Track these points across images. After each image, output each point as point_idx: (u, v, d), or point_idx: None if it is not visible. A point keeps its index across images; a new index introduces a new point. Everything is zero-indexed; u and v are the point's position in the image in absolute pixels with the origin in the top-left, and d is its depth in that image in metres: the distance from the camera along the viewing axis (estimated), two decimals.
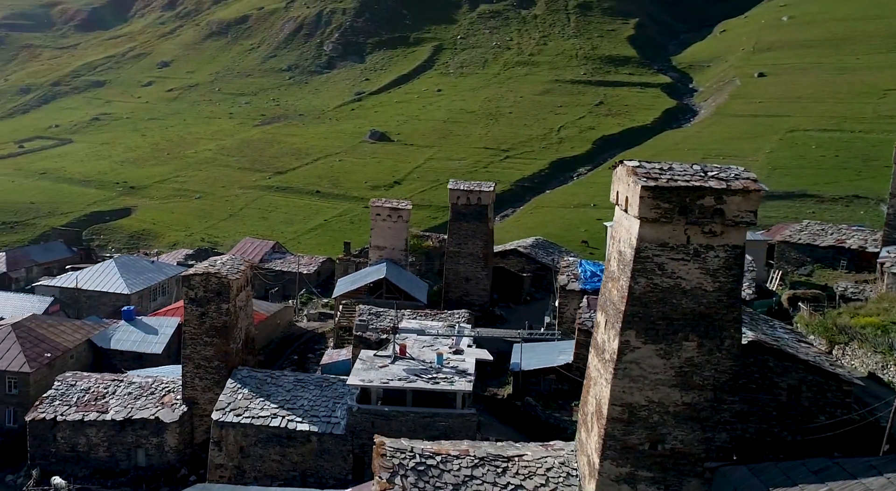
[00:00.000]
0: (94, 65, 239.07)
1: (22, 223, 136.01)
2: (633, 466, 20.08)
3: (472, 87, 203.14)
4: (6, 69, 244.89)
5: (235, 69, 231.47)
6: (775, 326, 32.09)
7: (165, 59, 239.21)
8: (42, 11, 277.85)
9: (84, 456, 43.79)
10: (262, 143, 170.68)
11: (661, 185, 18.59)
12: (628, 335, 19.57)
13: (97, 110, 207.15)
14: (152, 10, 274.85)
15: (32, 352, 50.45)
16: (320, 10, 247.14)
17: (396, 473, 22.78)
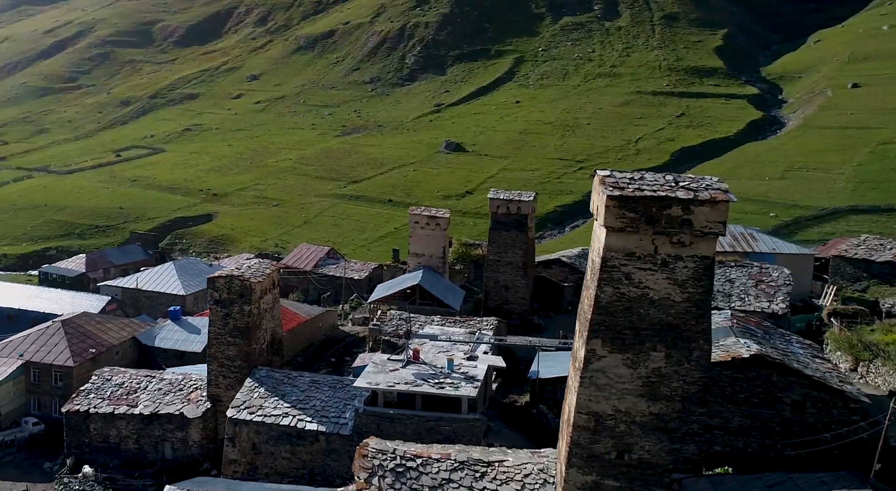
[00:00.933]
0: (189, 78, 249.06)
1: (112, 227, 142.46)
2: (599, 475, 19.66)
3: (551, 98, 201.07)
4: (110, 83, 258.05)
5: (320, 82, 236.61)
6: (791, 340, 30.97)
7: (255, 73, 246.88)
8: (144, 29, 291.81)
9: (115, 447, 44.85)
10: (341, 153, 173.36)
11: (626, 195, 18.28)
12: (594, 344, 19.30)
13: (189, 121, 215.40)
14: (245, 26, 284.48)
15: (78, 347, 52.06)
16: (404, 24, 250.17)
17: (375, 473, 23.03)
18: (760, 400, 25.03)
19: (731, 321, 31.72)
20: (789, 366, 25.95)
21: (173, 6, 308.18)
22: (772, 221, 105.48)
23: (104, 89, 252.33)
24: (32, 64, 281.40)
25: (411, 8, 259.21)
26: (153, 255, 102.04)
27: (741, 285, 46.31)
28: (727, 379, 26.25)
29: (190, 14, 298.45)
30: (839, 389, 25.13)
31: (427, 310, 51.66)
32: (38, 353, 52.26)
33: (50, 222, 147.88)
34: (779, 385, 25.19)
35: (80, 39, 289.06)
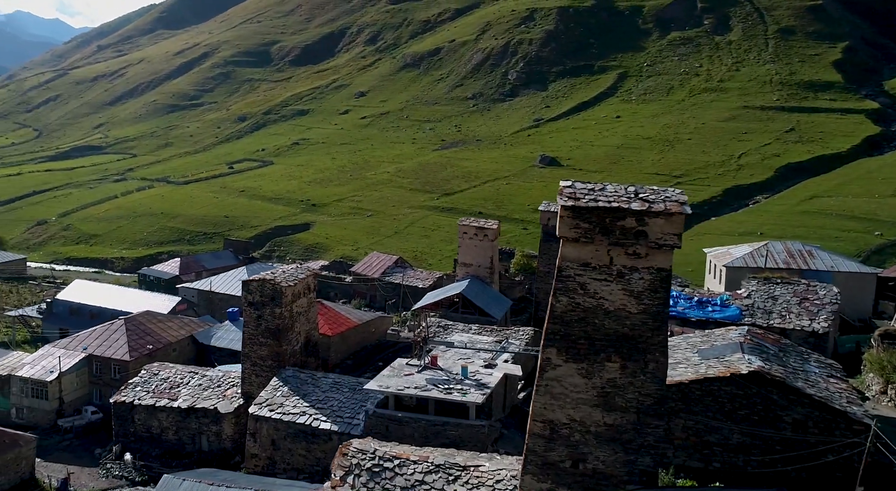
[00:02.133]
0: (301, 95, 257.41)
1: (218, 234, 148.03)
2: (553, 483, 19.19)
3: (653, 113, 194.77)
4: (229, 100, 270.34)
5: (424, 98, 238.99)
6: (809, 359, 29.79)
7: (362, 90, 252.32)
8: (263, 49, 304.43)
9: (156, 437, 46.19)
10: (437, 167, 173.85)
11: (579, 205, 18.03)
12: (549, 352, 18.93)
13: (298, 136, 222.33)
14: (356, 45, 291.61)
15: (136, 343, 53.72)
16: (508, 41, 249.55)
17: (351, 472, 23.35)
18: (760, 418, 24.14)
19: (743, 337, 30.21)
20: (790, 384, 24.59)
21: (291, 28, 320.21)
22: (876, 240, 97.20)
23: (224, 106, 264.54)
24: (162, 83, 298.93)
25: (516, 25, 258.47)
26: (243, 260, 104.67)
27: (784, 303, 43.42)
28: (726, 395, 25.05)
29: (306, 35, 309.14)
30: (842, 409, 24.00)
31: (469, 318, 51.24)
32: (100, 347, 54.23)
33: (164, 229, 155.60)
34: (780, 403, 24.21)
35: (205, 60, 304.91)
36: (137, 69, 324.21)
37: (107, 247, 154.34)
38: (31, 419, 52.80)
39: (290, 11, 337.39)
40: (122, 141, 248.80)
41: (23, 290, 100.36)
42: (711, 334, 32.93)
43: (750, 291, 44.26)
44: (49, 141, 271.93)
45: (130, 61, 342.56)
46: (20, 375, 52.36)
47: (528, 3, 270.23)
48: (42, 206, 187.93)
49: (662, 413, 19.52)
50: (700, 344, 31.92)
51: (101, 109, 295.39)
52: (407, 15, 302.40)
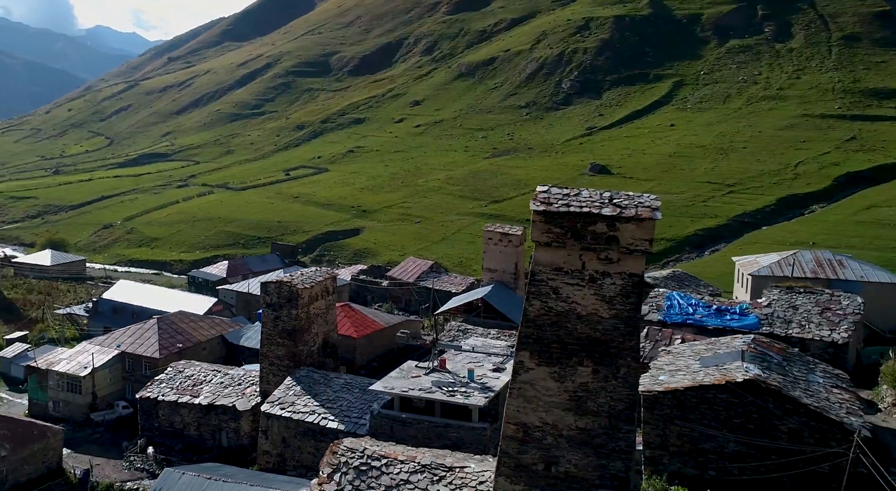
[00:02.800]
0: (358, 104, 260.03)
1: (271, 238, 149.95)
2: (526, 485, 19.05)
3: (708, 122, 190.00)
4: (289, 109, 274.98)
5: (477, 107, 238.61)
6: (815, 369, 29.43)
7: (417, 99, 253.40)
8: (323, 60, 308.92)
9: (179, 432, 46.70)
10: (488, 174, 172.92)
11: (551, 211, 18.05)
12: (522, 356, 18.85)
13: (353, 143, 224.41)
14: (413, 56, 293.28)
15: (167, 342, 54.37)
16: (562, 50, 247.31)
17: (338, 470, 23.40)
18: (756, 426, 23.84)
19: (747, 346, 29.66)
20: (786, 393, 24.26)
21: (350, 39, 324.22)
22: None
23: (284, 115, 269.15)
24: (227, 93, 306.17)
25: (571, 34, 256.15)
26: (288, 263, 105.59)
27: (805, 312, 41.55)
28: (722, 403, 25.01)
29: (364, 45, 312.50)
30: (838, 420, 23.66)
31: (490, 323, 50.80)
32: (133, 345, 55.11)
33: (220, 233, 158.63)
34: (775, 412, 23.93)
35: (267, 71, 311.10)
36: (203, 80, 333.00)
37: (166, 250, 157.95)
38: (66, 412, 53.88)
39: (349, 23, 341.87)
40: (186, 149, 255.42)
41: (80, 289, 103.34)
42: (717, 343, 32.27)
43: (771, 300, 42.39)
44: (120, 148, 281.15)
45: (197, 72, 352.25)
46: (56, 370, 53.55)
47: (584, 13, 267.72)
48: (109, 211, 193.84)
49: (633, 418, 18.82)
50: (704, 352, 31.26)
51: (169, 118, 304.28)
52: (463, 25, 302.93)
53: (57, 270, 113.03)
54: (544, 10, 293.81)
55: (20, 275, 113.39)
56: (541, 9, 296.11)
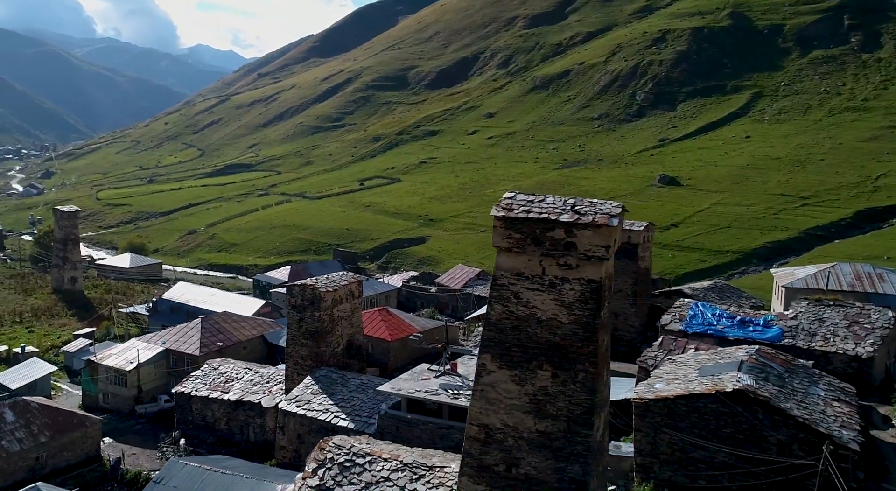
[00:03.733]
0: (433, 117, 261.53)
1: (340, 245, 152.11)
2: (488, 486, 19.19)
3: (786, 133, 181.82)
4: (367, 122, 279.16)
5: (550, 119, 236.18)
6: (819, 381, 28.53)
7: (491, 111, 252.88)
8: (402, 74, 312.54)
9: (210, 426, 47.15)
10: (555, 185, 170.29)
11: (510, 216, 18.15)
12: (485, 358, 18.90)
13: (426, 155, 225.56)
14: (489, 69, 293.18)
15: (208, 340, 55.20)
16: (637, 62, 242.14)
17: (323, 465, 23.61)
18: (746, 437, 23.38)
19: (748, 356, 28.88)
20: (775, 404, 23.67)
21: (429, 53, 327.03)
22: None
23: (362, 128, 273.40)
24: (309, 107, 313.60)
25: (647, 47, 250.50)
26: (348, 269, 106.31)
27: (831, 325, 38.58)
28: (712, 412, 24.60)
29: (442, 60, 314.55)
30: (826, 433, 23.23)
31: None
32: (177, 342, 56.21)
33: (294, 239, 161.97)
34: (765, 423, 23.45)
35: (348, 85, 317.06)
36: (289, 94, 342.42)
37: (243, 255, 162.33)
38: (113, 404, 55.41)
39: (428, 38, 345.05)
40: (269, 159, 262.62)
41: (153, 290, 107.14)
42: (721, 353, 31.06)
43: (797, 312, 39.62)
44: (209, 159, 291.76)
45: (283, 87, 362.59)
46: (106, 364, 55.17)
47: (661, 26, 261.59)
48: (194, 218, 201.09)
49: (591, 423, 18.40)
50: (706, 362, 29.78)
51: (255, 131, 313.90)
52: (539, 39, 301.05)
53: (135, 271, 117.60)
54: (621, 23, 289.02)
55: (102, 276, 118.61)
56: (617, 22, 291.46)
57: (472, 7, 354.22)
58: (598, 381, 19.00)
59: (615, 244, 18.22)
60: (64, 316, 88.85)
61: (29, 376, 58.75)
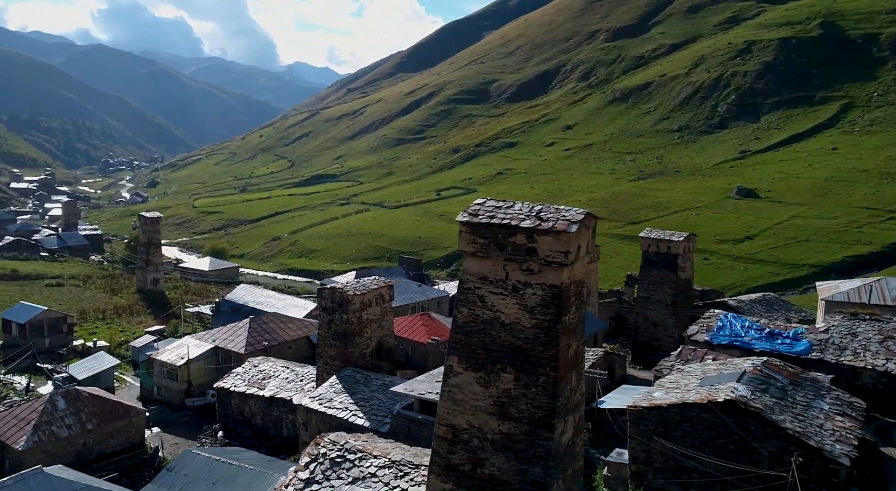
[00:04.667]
0: (511, 129, 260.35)
1: (414, 252, 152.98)
2: (455, 484, 19.42)
3: (876, 145, 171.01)
4: (448, 134, 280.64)
5: (629, 130, 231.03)
6: (825, 395, 27.57)
7: (569, 123, 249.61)
8: (483, 88, 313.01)
9: (248, 420, 47.80)
10: (629, 196, 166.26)
11: (474, 221, 18.21)
12: (452, 360, 19.14)
13: (503, 166, 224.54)
14: (569, 82, 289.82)
15: (254, 339, 55.93)
16: (720, 74, 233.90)
17: (315, 460, 23.82)
18: (737, 448, 23.18)
19: (753, 367, 27.93)
20: (766, 416, 23.12)
21: (510, 67, 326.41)
22: None
23: (442, 139, 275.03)
24: (393, 120, 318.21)
25: (731, 58, 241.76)
26: (412, 276, 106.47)
27: (863, 340, 35.57)
28: (704, 422, 24.24)
29: (523, 73, 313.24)
30: (816, 446, 22.82)
31: None
32: (225, 341, 57.20)
33: (370, 247, 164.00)
34: (756, 435, 23.01)
35: (431, 99, 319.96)
36: (375, 108, 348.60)
37: (322, 261, 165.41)
38: (166, 397, 56.89)
39: (510, 52, 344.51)
40: (353, 170, 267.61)
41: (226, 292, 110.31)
42: (728, 363, 29.88)
43: (829, 325, 36.60)
44: (298, 170, 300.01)
45: (370, 101, 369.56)
46: (159, 360, 56.78)
47: (747, 36, 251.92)
48: (279, 225, 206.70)
49: (552, 426, 18.27)
50: (711, 372, 28.47)
51: (342, 143, 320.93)
52: (621, 51, 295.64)
53: (213, 274, 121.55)
54: (706, 34, 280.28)
55: (184, 278, 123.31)
56: (702, 33, 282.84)
57: (555, 21, 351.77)
58: (560, 385, 18.80)
59: (580, 250, 18.16)
60: (142, 314, 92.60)
61: (94, 368, 61.17)
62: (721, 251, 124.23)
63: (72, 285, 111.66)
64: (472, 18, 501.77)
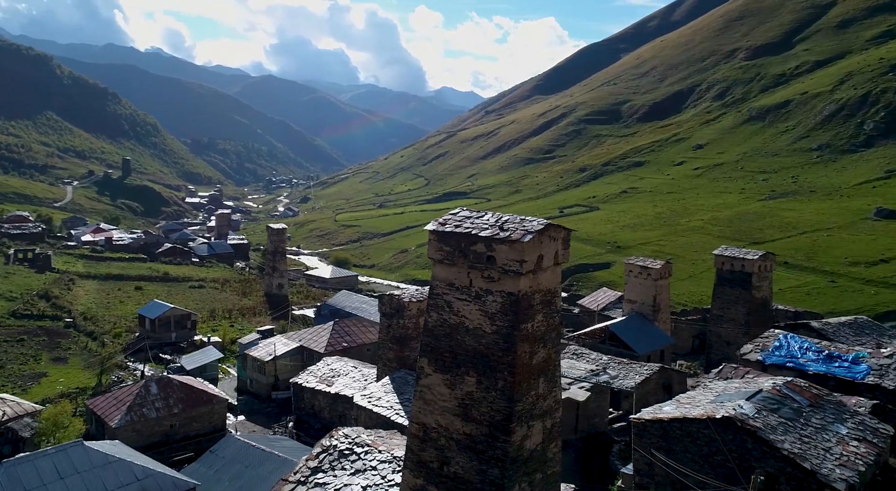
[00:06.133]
0: (640, 148, 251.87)
1: None
2: (425, 481, 19.87)
3: None
4: (576, 154, 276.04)
5: (763, 150, 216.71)
6: (847, 419, 25.62)
7: (701, 143, 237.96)
8: (615, 108, 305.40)
9: (317, 414, 49.60)
10: (756, 216, 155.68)
11: (439, 230, 18.48)
12: (423, 362, 19.53)
13: (628, 184, 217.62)
14: (703, 101, 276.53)
15: (334, 340, 57.39)
16: (868, 90, 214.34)
17: (326, 450, 24.60)
18: (736, 466, 22.73)
19: (772, 386, 26.54)
20: (762, 436, 22.58)
21: (643, 88, 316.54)
22: None
23: (570, 159, 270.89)
24: (525, 140, 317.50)
25: (882, 74, 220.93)
26: None
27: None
28: (704, 438, 23.83)
29: (656, 93, 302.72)
30: (810, 469, 22.14)
31: (611, 350, 48.91)
32: (309, 340, 59.13)
33: None
34: (754, 454, 22.53)
35: (562, 119, 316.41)
36: (508, 129, 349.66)
37: None
38: (256, 389, 59.35)
39: (644, 73, 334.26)
40: (483, 188, 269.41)
41: None
42: (752, 381, 26.83)
43: (894, 351, 31.95)
44: (432, 188, 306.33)
45: (504, 123, 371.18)
46: (251, 355, 59.45)
47: None
48: (409, 238, 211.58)
49: (510, 429, 18.25)
50: (731, 389, 26.26)
51: (475, 163, 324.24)
52: (760, 70, 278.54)
53: (334, 282, 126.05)
54: (856, 50, 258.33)
55: (309, 284, 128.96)
56: (851, 49, 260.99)
57: (692, 41, 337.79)
58: (517, 390, 18.83)
59: (542, 260, 17.76)
60: (262, 315, 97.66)
61: (201, 360, 65.02)
62: (851, 274, 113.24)
63: (211, 288, 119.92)
64: (610, 41, 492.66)
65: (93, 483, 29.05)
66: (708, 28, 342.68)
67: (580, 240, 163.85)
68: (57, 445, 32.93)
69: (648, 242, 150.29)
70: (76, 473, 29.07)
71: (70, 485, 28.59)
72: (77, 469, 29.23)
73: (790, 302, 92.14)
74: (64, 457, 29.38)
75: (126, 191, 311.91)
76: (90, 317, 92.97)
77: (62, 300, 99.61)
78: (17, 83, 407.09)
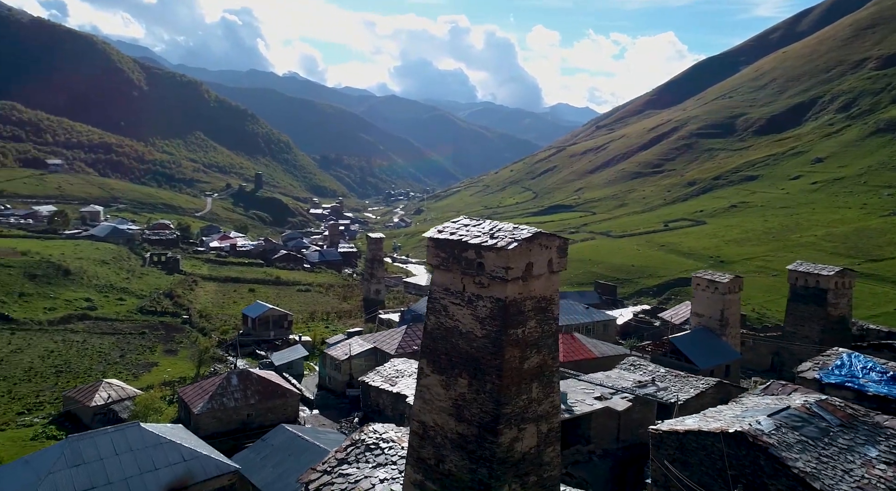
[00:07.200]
0: (754, 162, 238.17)
1: (627, 280, 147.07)
2: (423, 476, 20.44)
3: None
4: (686, 168, 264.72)
5: (891, 163, 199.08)
6: (881, 441, 24.40)
7: (820, 156, 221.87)
8: (728, 122, 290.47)
9: (382, 412, 50.85)
10: (875, 232, 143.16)
11: (437, 237, 18.94)
12: (422, 363, 20.08)
13: (739, 199, 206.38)
14: (826, 113, 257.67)
15: (405, 344, 58.34)
16: None
17: (355, 444, 25.44)
18: (749, 481, 22.39)
19: (802, 404, 25.37)
20: (773, 453, 22.02)
21: (760, 101, 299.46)
22: None
23: (679, 173, 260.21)
24: (634, 154, 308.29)
25: None
26: (604, 299, 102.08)
27: None
28: (718, 452, 23.31)
29: (773, 106, 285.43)
30: (819, 489, 21.26)
31: (673, 363, 47.34)
32: (383, 342, 60.27)
33: (586, 272, 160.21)
34: (766, 471, 22.01)
35: (673, 133, 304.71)
36: (617, 143, 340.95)
37: None
38: (333, 386, 60.86)
39: (762, 86, 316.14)
40: (589, 202, 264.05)
41: None
42: (785, 399, 25.17)
43: None
44: (540, 201, 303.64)
45: (614, 137, 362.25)
46: (329, 354, 61.07)
47: None
48: None
49: (498, 431, 18.49)
50: (762, 405, 26.45)
51: (583, 176, 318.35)
52: (892, 80, 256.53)
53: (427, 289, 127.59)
54: None
55: (406, 291, 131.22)
56: None
57: (816, 52, 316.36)
58: (505, 393, 19.09)
59: (531, 268, 17.77)
60: (357, 318, 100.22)
61: (289, 357, 67.60)
62: None
63: (316, 292, 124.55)
64: (730, 54, 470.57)
65: (144, 461, 30.86)
66: (835, 37, 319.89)
67: (682, 253, 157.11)
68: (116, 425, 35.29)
69: (754, 258, 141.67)
70: (130, 450, 30.99)
71: (123, 461, 30.50)
72: (131, 447, 31.17)
73: None
74: (121, 436, 31.43)
75: (257, 202, 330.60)
76: (205, 314, 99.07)
77: (183, 299, 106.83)
78: (173, 107, 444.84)
